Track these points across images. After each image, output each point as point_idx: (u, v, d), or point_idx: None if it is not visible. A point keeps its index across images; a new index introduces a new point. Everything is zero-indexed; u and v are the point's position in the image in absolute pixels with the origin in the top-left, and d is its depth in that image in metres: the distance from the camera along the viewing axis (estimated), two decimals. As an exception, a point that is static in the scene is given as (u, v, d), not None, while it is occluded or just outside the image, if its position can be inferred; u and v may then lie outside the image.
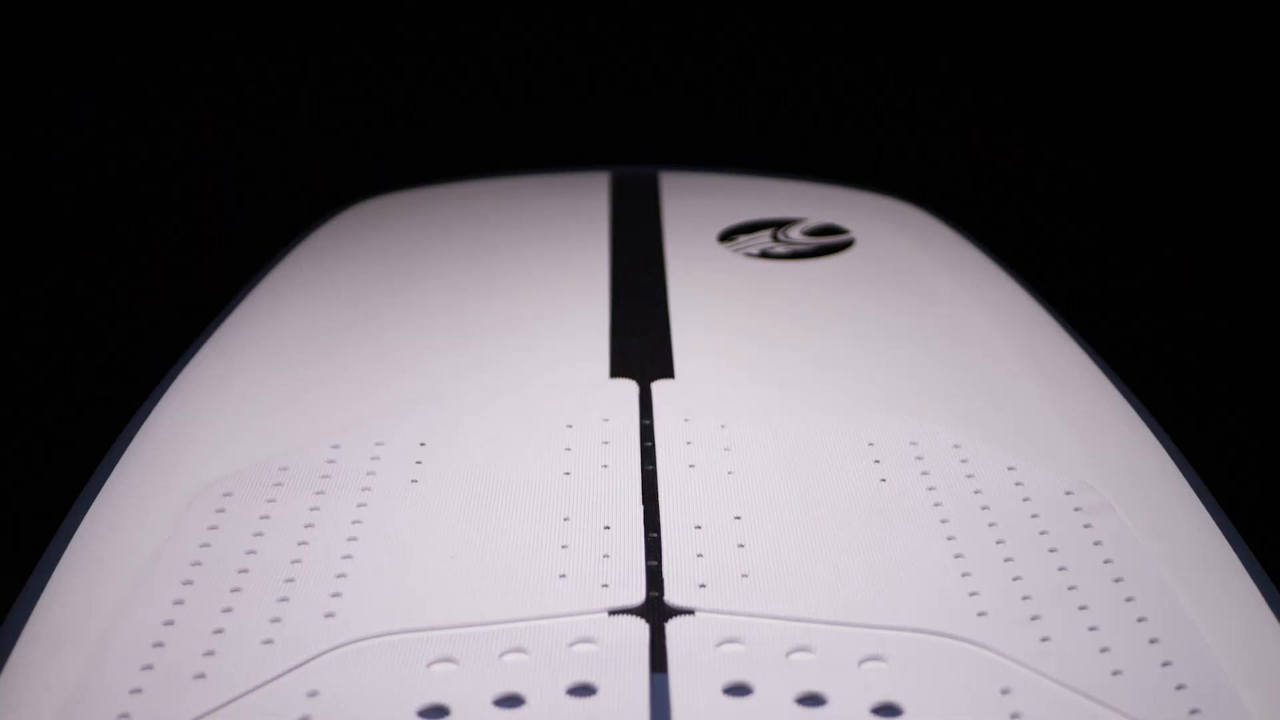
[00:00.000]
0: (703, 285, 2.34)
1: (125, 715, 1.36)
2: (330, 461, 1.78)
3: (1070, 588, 1.56)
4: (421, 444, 1.82)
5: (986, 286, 2.43)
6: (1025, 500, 1.72)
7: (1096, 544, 1.64)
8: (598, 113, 4.32)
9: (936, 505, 1.71)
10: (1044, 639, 1.47)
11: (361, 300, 2.34)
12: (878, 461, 1.80)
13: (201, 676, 1.41)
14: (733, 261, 2.45)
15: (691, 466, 1.78)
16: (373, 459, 1.79)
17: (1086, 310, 2.69)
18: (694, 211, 2.65)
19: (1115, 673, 1.43)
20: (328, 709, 1.35)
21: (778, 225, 2.57)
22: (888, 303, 2.34)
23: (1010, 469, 1.78)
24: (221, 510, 1.69)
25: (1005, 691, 1.39)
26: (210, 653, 1.44)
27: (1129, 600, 1.54)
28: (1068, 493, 1.73)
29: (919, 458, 1.81)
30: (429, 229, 2.67)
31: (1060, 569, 1.59)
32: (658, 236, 2.53)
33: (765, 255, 2.47)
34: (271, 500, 1.71)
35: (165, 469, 1.83)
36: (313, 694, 1.38)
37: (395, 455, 1.80)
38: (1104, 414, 2.03)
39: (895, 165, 4.05)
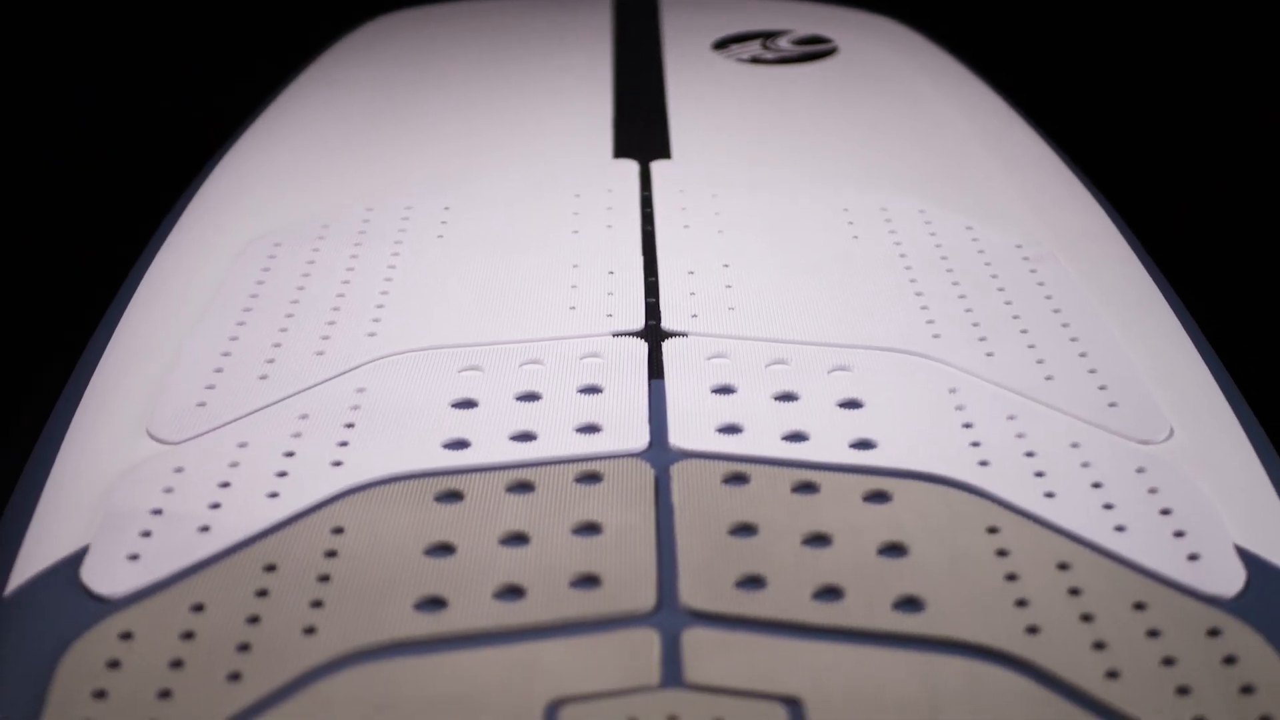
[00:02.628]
0: (698, 85, 2.56)
1: (203, 403, 1.60)
2: (365, 220, 2.01)
3: (1014, 317, 1.79)
4: (446, 208, 2.05)
5: (960, 87, 2.64)
6: (980, 252, 1.95)
7: (1040, 284, 1.87)
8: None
9: (901, 256, 1.93)
10: (989, 354, 1.71)
11: (384, 98, 2.56)
12: (851, 223, 2.02)
13: (265, 378, 1.64)
14: (725, 66, 2.66)
15: (686, 227, 2.00)
16: (403, 219, 2.02)
17: (1060, 112, 2.89)
18: (692, 24, 2.86)
19: (1048, 378, 1.66)
20: (375, 400, 1.59)
21: (767, 35, 2.78)
22: (866, 99, 2.56)
23: (969, 229, 2.01)
24: (273, 256, 1.92)
25: (952, 390, 1.63)
26: (271, 360, 1.68)
27: (1065, 325, 1.77)
28: (1018, 246, 1.96)
29: (888, 220, 2.03)
30: (440, 41, 2.88)
31: (1006, 303, 1.82)
32: (657, 45, 2.74)
33: (755, 60, 2.68)
34: (315, 250, 1.93)
35: (218, 226, 2.05)
36: (361, 390, 1.61)
37: (423, 216, 2.02)
38: (1060, 193, 2.25)
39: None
